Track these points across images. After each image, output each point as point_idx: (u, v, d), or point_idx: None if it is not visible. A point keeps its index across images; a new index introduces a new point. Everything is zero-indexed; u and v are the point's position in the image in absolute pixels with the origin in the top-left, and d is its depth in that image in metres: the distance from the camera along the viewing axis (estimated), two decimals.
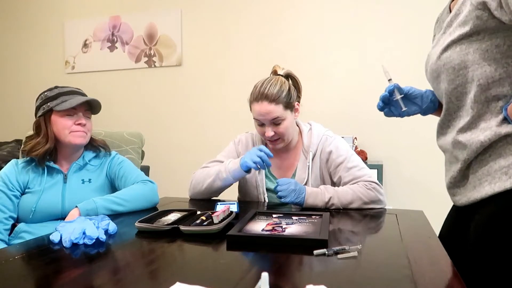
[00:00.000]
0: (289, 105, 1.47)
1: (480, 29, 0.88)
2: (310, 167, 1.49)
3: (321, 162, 1.51)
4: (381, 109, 1.15)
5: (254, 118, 1.49)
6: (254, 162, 1.38)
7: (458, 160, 0.98)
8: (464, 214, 1.06)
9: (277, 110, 1.43)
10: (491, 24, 0.87)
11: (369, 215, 1.30)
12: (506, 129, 0.89)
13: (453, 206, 1.13)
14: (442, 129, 1.04)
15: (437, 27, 1.11)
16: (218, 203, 1.38)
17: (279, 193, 1.36)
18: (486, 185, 0.92)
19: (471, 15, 0.89)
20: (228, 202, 1.39)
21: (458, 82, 0.94)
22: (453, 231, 1.08)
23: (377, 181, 1.42)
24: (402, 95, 1.11)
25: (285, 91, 1.45)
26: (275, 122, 1.44)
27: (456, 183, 1.01)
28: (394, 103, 1.13)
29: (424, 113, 1.15)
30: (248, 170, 1.43)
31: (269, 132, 1.45)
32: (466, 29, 0.90)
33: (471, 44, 0.90)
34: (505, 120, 0.90)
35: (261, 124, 1.48)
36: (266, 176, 1.56)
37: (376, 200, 1.38)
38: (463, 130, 0.95)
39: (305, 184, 1.49)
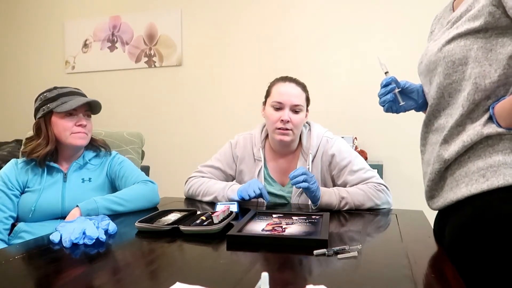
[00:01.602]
0: (307, 101, 1.51)
1: (490, 27, 0.86)
2: (310, 170, 1.48)
3: (323, 165, 1.50)
4: (387, 104, 1.09)
5: (272, 102, 1.46)
6: (249, 195, 1.37)
7: (438, 161, 0.96)
8: (441, 217, 1.04)
9: (301, 96, 1.47)
10: (503, 23, 0.85)
11: (369, 215, 1.30)
12: (488, 130, 0.87)
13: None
14: (427, 127, 1.01)
15: (436, 23, 1.09)
16: (218, 203, 1.38)
17: (304, 177, 1.27)
18: (463, 186, 0.90)
19: (484, 10, 0.86)
20: (228, 202, 1.39)
21: (454, 78, 0.92)
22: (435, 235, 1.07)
23: (384, 183, 1.42)
24: (400, 89, 1.08)
25: (307, 88, 1.52)
26: (295, 109, 1.44)
27: (433, 186, 0.99)
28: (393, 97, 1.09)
29: (420, 108, 1.11)
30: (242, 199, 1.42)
31: (286, 116, 1.42)
32: (475, 24, 0.88)
33: (476, 40, 0.88)
34: (491, 119, 0.88)
35: (278, 108, 1.45)
36: (265, 179, 1.55)
37: (385, 201, 1.39)
38: (452, 132, 0.93)
39: None
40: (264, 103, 1.54)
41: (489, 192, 0.85)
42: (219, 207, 1.26)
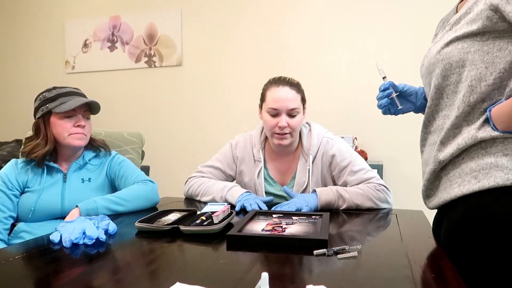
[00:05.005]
0: (303, 101, 1.49)
1: (487, 30, 0.88)
2: (311, 170, 1.48)
3: (323, 166, 1.50)
4: (383, 108, 1.13)
5: (268, 108, 1.44)
6: (250, 204, 1.33)
7: (434, 162, 0.97)
8: (439, 216, 1.06)
9: (296, 99, 1.44)
10: (500, 27, 0.86)
11: (369, 215, 1.30)
12: (483, 134, 0.88)
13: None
14: (426, 128, 1.03)
15: (441, 26, 1.10)
16: (209, 203, 1.37)
17: (296, 207, 1.29)
18: (456, 187, 0.92)
19: (482, 14, 0.87)
20: (225, 203, 1.38)
21: (451, 80, 0.93)
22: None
23: (385, 184, 1.42)
24: (398, 93, 1.10)
25: (301, 86, 1.49)
26: (291, 113, 1.43)
27: (429, 185, 1.01)
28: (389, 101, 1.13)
29: (418, 110, 1.13)
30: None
31: (283, 122, 1.41)
32: (473, 27, 0.89)
33: (473, 43, 0.89)
34: (486, 122, 0.89)
35: (274, 115, 1.44)
36: (265, 179, 1.55)
37: (385, 202, 1.39)
38: (449, 134, 0.94)
39: (306, 187, 1.48)
40: (260, 106, 1.52)
41: (480, 192, 0.88)
42: (210, 208, 1.25)
